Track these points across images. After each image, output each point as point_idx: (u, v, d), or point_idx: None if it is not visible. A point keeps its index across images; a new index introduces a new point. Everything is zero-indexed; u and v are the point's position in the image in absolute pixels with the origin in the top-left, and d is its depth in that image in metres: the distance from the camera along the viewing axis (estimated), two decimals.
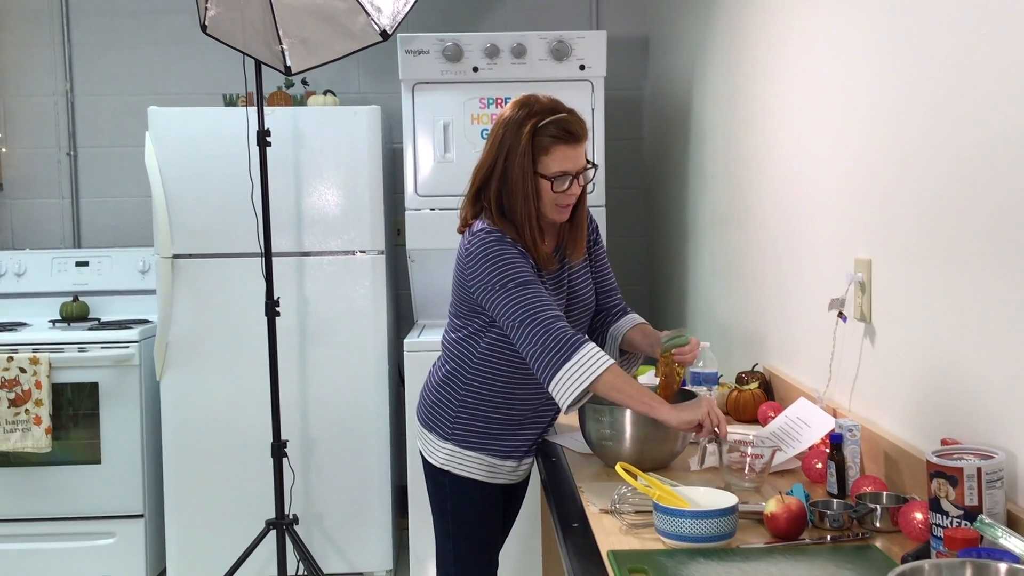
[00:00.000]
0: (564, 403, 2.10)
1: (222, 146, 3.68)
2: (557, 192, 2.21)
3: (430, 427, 2.42)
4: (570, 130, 2.20)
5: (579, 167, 2.23)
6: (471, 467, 2.38)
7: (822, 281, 2.36)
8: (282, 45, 3.37)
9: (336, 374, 3.80)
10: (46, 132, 4.48)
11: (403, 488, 3.91)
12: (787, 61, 2.60)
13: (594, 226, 2.48)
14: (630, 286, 4.60)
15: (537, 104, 2.23)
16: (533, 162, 2.19)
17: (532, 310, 2.14)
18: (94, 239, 4.50)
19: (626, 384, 2.10)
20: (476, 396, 2.35)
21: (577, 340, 2.11)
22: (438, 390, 2.41)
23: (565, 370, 2.08)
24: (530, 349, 2.13)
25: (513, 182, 2.21)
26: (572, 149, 2.21)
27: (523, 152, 2.18)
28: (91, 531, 3.82)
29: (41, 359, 3.70)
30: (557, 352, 2.09)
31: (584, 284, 2.41)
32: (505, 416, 2.36)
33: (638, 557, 1.63)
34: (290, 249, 3.77)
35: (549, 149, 2.19)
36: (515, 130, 2.20)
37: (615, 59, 4.17)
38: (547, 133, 2.19)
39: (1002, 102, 1.57)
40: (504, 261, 2.19)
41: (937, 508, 1.52)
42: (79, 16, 4.47)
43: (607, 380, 2.07)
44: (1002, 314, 1.59)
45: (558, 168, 2.20)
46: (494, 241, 2.21)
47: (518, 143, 2.19)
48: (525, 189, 2.20)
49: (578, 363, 2.07)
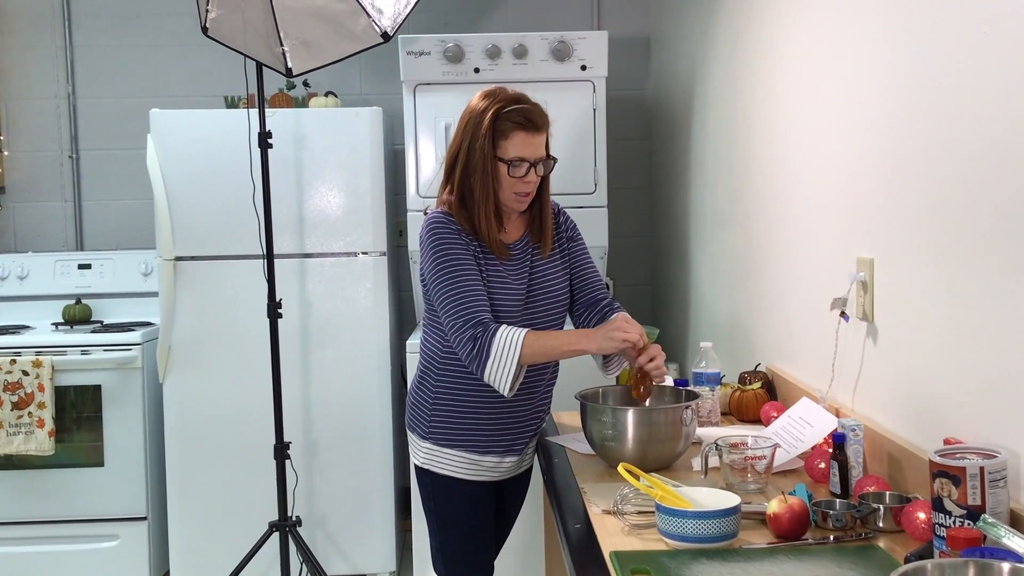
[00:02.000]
0: (503, 390, 2.25)
1: (224, 148, 3.68)
2: (514, 177, 2.30)
3: (411, 427, 2.49)
4: (530, 118, 2.30)
5: (537, 156, 2.33)
6: (451, 464, 2.40)
7: (824, 280, 2.35)
8: (283, 47, 3.37)
9: (338, 375, 3.80)
10: (48, 135, 4.49)
11: (406, 489, 3.91)
12: (789, 60, 2.60)
13: (571, 223, 2.55)
14: (633, 286, 4.60)
15: (501, 93, 2.34)
16: (493, 146, 2.29)
17: (456, 304, 2.27)
18: (96, 241, 4.50)
19: (546, 343, 2.26)
20: (447, 392, 2.38)
21: (488, 332, 2.23)
22: (415, 390, 2.48)
23: (491, 363, 2.22)
24: (459, 349, 2.28)
25: (473, 164, 2.31)
26: (531, 137, 2.30)
27: (484, 135, 2.28)
28: (95, 534, 3.82)
29: (44, 362, 3.71)
30: (478, 349, 2.23)
31: (552, 277, 2.45)
32: (478, 410, 2.39)
33: (641, 558, 1.63)
34: (292, 251, 3.77)
35: (508, 134, 2.29)
36: (478, 116, 2.31)
37: (616, 59, 4.18)
38: (508, 119, 2.29)
39: (1005, 102, 1.57)
40: (440, 246, 2.31)
41: (940, 508, 1.52)
42: (80, 19, 4.47)
43: (528, 353, 2.23)
44: (1005, 313, 1.59)
45: (516, 153, 2.29)
46: (436, 225, 2.33)
47: (480, 127, 2.29)
48: (484, 169, 2.30)
49: (497, 352, 2.21)
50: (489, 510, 2.49)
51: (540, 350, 2.25)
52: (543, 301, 2.42)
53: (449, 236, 2.32)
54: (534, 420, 2.49)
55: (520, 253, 2.40)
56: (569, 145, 3.76)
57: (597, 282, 2.53)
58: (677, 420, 2.18)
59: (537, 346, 2.24)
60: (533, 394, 2.44)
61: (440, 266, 2.30)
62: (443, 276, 2.30)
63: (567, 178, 3.69)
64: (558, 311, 2.47)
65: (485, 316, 2.27)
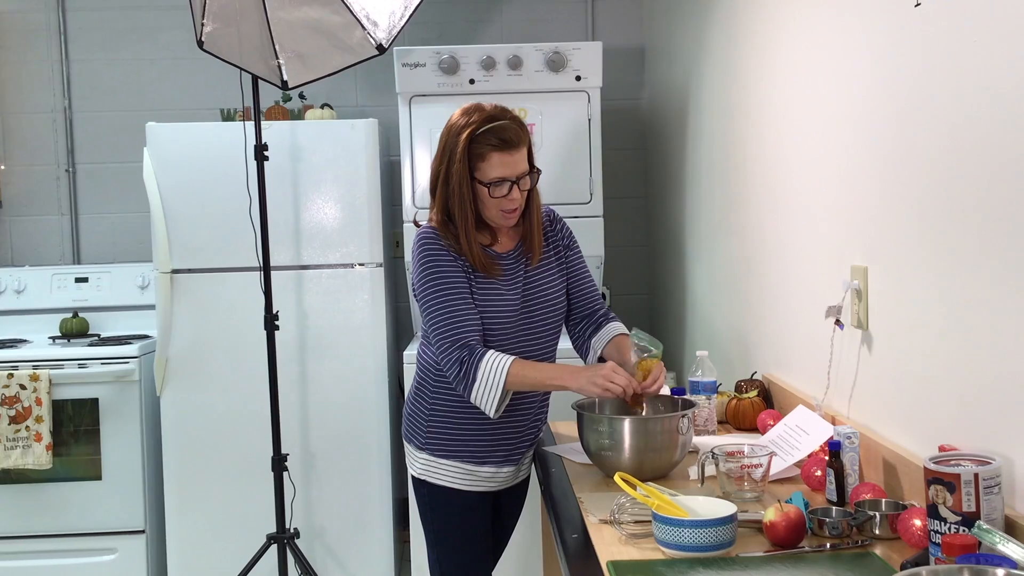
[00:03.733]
0: (489, 413, 2.27)
1: (220, 161, 3.69)
2: (496, 197, 2.28)
3: (408, 438, 2.49)
4: (505, 138, 2.26)
5: (518, 172, 2.29)
6: (447, 475, 2.40)
7: (819, 289, 2.36)
8: (279, 60, 3.38)
9: (336, 387, 3.80)
10: (45, 149, 4.49)
11: (404, 501, 3.91)
12: (782, 69, 2.61)
13: (567, 231, 2.53)
14: (629, 295, 4.61)
15: (477, 113, 2.30)
16: (470, 169, 2.27)
17: (444, 324, 2.28)
18: (93, 255, 4.50)
19: (530, 373, 2.28)
20: (444, 403, 2.39)
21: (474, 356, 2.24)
22: (412, 401, 2.48)
23: (477, 386, 2.24)
24: (446, 370, 2.30)
25: (452, 187, 2.29)
26: (509, 155, 2.27)
27: (460, 159, 2.26)
28: (92, 547, 3.81)
29: (41, 376, 3.70)
30: (464, 371, 2.25)
31: (547, 286, 2.44)
32: (474, 421, 2.38)
33: (638, 567, 1.63)
34: (289, 263, 3.77)
35: (485, 156, 2.26)
36: (455, 137, 2.28)
37: (611, 70, 4.19)
38: (483, 141, 2.26)
39: (999, 109, 1.58)
40: (429, 263, 2.32)
41: (935, 514, 1.52)
42: (76, 33, 4.48)
43: (513, 382, 2.25)
44: (999, 320, 1.59)
45: (496, 174, 2.27)
46: (425, 242, 2.34)
47: (456, 150, 2.27)
48: (462, 194, 2.28)
49: (483, 377, 2.23)
50: (486, 521, 2.49)
51: (525, 380, 2.27)
52: (539, 310, 2.42)
53: (438, 253, 2.32)
54: (531, 431, 2.49)
55: (513, 263, 2.40)
56: (564, 155, 3.78)
57: (593, 292, 2.53)
58: (673, 429, 2.18)
59: (522, 375, 2.26)
60: (530, 406, 2.45)
61: (428, 284, 2.31)
62: (431, 295, 2.30)
63: (562, 188, 3.70)
64: (554, 320, 2.46)
65: (473, 338, 2.28)
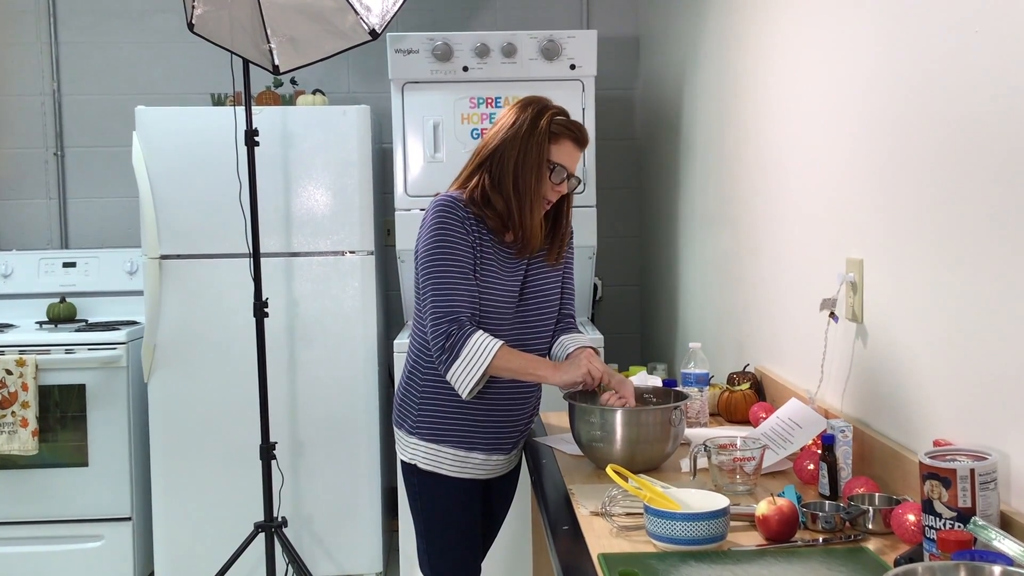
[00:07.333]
0: (463, 393, 2.27)
1: (210, 146, 3.66)
2: (552, 182, 2.34)
3: (399, 423, 2.47)
4: (579, 134, 2.38)
5: (573, 170, 2.38)
6: (437, 460, 2.39)
7: (814, 281, 2.35)
8: (270, 44, 3.35)
9: (325, 375, 3.78)
10: (33, 132, 4.45)
11: (393, 490, 3.89)
12: (778, 60, 2.60)
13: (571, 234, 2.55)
14: (621, 286, 4.60)
15: (551, 103, 2.39)
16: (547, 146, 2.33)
17: (441, 294, 2.27)
18: (81, 240, 4.47)
19: (515, 361, 2.27)
20: (435, 387, 2.38)
21: (463, 332, 2.24)
22: (403, 385, 2.47)
23: (458, 363, 2.24)
24: (432, 339, 2.28)
25: (520, 159, 2.32)
26: (576, 150, 2.38)
27: (542, 133, 2.32)
28: (78, 534, 3.79)
29: (28, 361, 3.67)
30: (450, 344, 2.24)
31: (546, 282, 2.46)
32: (465, 406, 2.37)
33: (629, 560, 1.61)
34: (279, 250, 3.75)
35: (561, 140, 2.34)
36: (534, 116, 2.34)
37: (606, 59, 4.17)
38: (564, 126, 2.35)
39: (995, 103, 1.56)
40: (441, 231, 2.30)
41: (930, 510, 1.51)
42: (66, 15, 4.44)
43: (497, 365, 2.25)
44: (995, 314, 1.58)
45: (561, 160, 2.34)
46: (443, 208, 2.33)
47: (540, 122, 2.33)
48: (534, 165, 2.31)
49: (468, 354, 2.23)
50: (476, 508, 2.47)
51: (508, 365, 2.26)
52: (536, 304, 2.42)
53: (453, 222, 2.30)
54: (523, 419, 2.48)
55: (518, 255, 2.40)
56: None
57: (572, 296, 2.57)
58: (665, 421, 2.17)
59: (507, 360, 2.25)
60: (521, 392, 2.43)
61: (435, 253, 2.29)
62: (435, 264, 2.29)
63: None
64: (549, 316, 2.46)
65: (466, 314, 2.27)
